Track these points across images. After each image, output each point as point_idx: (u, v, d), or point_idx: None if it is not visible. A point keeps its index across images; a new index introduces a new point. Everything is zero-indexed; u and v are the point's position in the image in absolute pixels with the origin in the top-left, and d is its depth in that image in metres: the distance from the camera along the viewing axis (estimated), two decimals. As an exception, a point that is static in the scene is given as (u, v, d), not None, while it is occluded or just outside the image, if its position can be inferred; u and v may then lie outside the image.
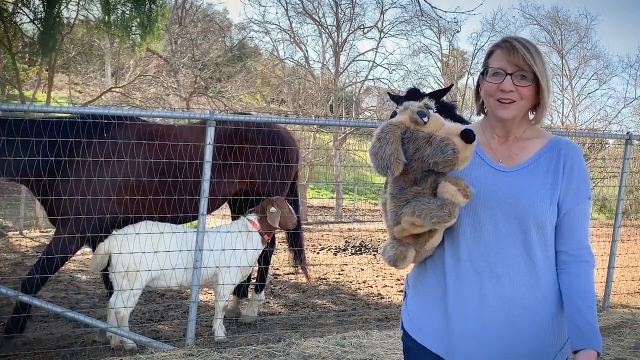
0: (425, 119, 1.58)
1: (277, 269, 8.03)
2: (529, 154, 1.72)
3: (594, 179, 15.14)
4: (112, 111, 4.95)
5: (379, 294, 6.70)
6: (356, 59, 23.15)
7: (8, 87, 13.48)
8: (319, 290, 6.86)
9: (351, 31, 22.16)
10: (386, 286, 7.11)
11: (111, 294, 4.58)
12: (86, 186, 4.31)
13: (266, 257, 5.29)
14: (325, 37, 22.62)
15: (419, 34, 30.09)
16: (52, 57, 11.69)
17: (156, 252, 4.28)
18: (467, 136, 1.55)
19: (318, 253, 10.11)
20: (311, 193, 24.69)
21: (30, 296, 4.17)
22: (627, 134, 5.68)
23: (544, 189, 1.66)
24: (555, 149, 1.71)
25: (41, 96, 16.18)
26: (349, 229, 14.75)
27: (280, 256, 9.38)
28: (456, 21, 17.28)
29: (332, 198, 23.10)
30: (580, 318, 1.62)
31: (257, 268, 5.41)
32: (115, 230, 4.41)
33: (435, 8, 9.96)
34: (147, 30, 9.31)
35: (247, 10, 69.65)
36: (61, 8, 10.10)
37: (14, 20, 10.99)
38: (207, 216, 4.44)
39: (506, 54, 1.67)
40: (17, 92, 13.02)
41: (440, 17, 15.24)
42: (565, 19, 28.18)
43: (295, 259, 5.58)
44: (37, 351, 4.23)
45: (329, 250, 10.33)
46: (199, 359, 3.84)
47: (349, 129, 17.09)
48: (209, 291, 5.93)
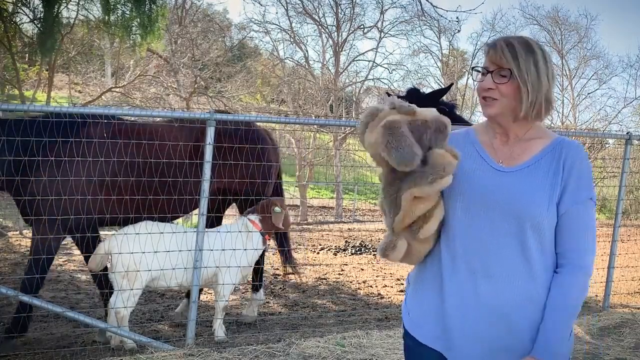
0: (412, 108, 1.71)
1: (277, 269, 8.03)
2: (531, 154, 1.70)
3: (594, 179, 15.14)
4: (112, 111, 4.95)
5: (379, 294, 6.69)
6: (356, 59, 23.20)
7: (8, 87, 13.48)
8: (319, 290, 6.86)
9: (351, 31, 22.19)
10: (386, 286, 7.11)
11: (104, 294, 4.60)
12: (62, 186, 4.24)
13: (262, 256, 5.28)
14: (325, 37, 22.66)
15: (419, 34, 30.27)
16: (51, 57, 11.69)
17: (156, 252, 4.28)
18: (443, 111, 1.77)
19: (318, 253, 10.10)
20: (311, 193, 24.70)
21: (30, 296, 4.17)
22: (627, 134, 5.68)
23: (542, 190, 1.64)
24: (558, 149, 1.68)
25: (41, 96, 16.18)
26: (349, 229, 14.76)
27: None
28: (458, 20, 17.29)
29: (332, 198, 23.11)
30: (543, 327, 1.61)
31: (254, 268, 5.41)
32: (102, 230, 4.38)
33: (437, 7, 9.95)
34: (147, 30, 9.32)
35: (247, 10, 69.67)
36: (61, 8, 10.10)
37: (13, 20, 10.99)
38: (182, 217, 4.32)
39: (489, 53, 1.70)
40: (17, 92, 13.03)
41: (441, 17, 15.24)
42: (565, 19, 28.23)
43: (285, 259, 5.61)
44: (37, 351, 4.23)
45: (329, 250, 10.33)
46: (199, 359, 3.84)
47: (349, 129, 17.04)
48: (209, 291, 5.93)
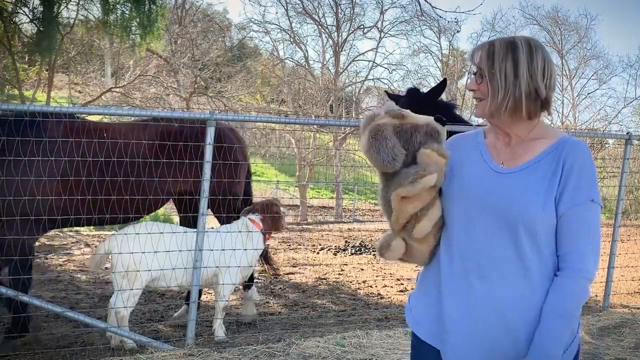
0: (403, 112, 1.74)
1: (277, 269, 8.02)
2: (533, 155, 1.66)
3: (594, 179, 15.10)
4: (112, 111, 4.95)
5: (379, 294, 6.69)
6: (356, 59, 23.21)
7: (8, 87, 13.46)
8: (319, 290, 6.86)
9: (351, 31, 22.21)
10: (386, 286, 7.11)
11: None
12: (21, 186, 4.18)
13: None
14: (325, 37, 22.67)
15: (419, 34, 30.20)
16: (51, 57, 11.68)
17: (156, 252, 4.28)
18: (440, 120, 1.77)
19: (318, 253, 10.10)
20: (311, 193, 24.70)
21: (30, 296, 4.17)
22: (627, 134, 5.68)
23: (537, 191, 1.60)
24: (560, 149, 1.63)
25: (41, 96, 16.17)
26: (349, 229, 14.76)
27: (280, 256, 9.38)
28: (456, 21, 17.30)
29: (332, 198, 23.13)
30: (539, 331, 1.58)
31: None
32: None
33: (436, 8, 9.96)
34: (146, 31, 9.30)
35: (247, 10, 69.39)
36: (60, 8, 10.09)
37: (13, 20, 10.98)
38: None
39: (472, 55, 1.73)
40: (17, 92, 13.02)
41: (440, 17, 15.25)
42: (565, 19, 28.27)
43: (263, 258, 5.66)
44: (37, 351, 4.23)
45: (329, 250, 10.32)
46: (199, 359, 3.83)
47: (349, 129, 17.06)
48: (208, 291, 5.93)
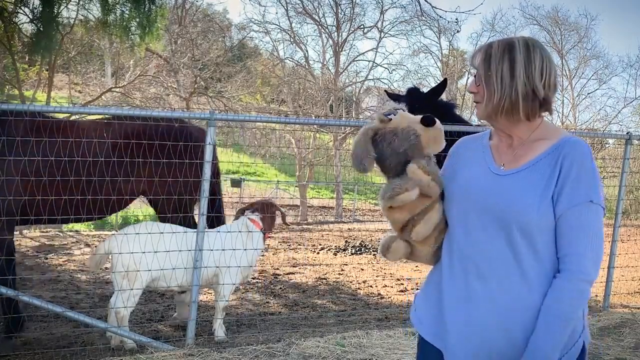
0: (391, 117, 1.73)
1: (277, 269, 8.03)
2: (533, 156, 1.63)
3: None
4: (112, 111, 4.95)
5: (379, 294, 6.69)
6: (356, 59, 23.23)
7: (8, 87, 13.46)
8: (319, 290, 6.85)
9: (351, 31, 22.22)
10: (386, 286, 7.11)
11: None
12: None
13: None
14: (325, 37, 22.68)
15: (419, 34, 30.32)
16: (51, 57, 11.67)
17: (156, 252, 4.28)
18: (426, 120, 1.71)
19: (318, 253, 10.11)
20: (311, 193, 24.70)
21: (30, 296, 4.16)
22: (627, 134, 5.67)
23: (532, 193, 1.57)
24: (560, 149, 1.60)
25: (41, 96, 16.17)
26: (349, 229, 14.77)
27: (281, 256, 9.38)
28: (457, 21, 17.31)
29: (332, 198, 23.13)
30: (535, 333, 1.57)
31: None
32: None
33: (436, 8, 9.98)
34: (146, 31, 9.30)
35: (247, 10, 69.42)
36: (60, 8, 10.08)
37: (13, 20, 10.98)
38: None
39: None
40: (17, 92, 13.02)
41: (441, 17, 15.27)
42: (565, 19, 28.30)
43: None
44: (37, 351, 4.23)
45: (329, 250, 10.33)
46: (199, 359, 3.83)
47: (349, 129, 17.07)
48: (209, 291, 5.93)
